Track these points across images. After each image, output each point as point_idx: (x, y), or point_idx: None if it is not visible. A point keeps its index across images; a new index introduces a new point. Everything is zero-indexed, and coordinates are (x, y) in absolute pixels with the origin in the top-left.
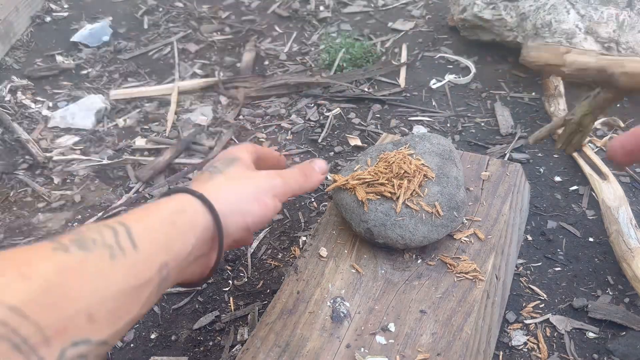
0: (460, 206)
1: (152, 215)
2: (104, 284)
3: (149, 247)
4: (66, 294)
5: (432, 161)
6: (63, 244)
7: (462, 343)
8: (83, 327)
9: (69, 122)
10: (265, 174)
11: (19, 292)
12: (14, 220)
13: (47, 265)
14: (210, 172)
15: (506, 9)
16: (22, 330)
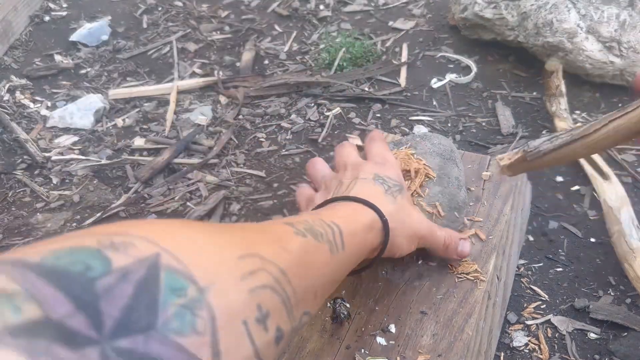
0: (461, 207)
1: (354, 224)
2: (326, 271)
3: (350, 251)
4: (307, 271)
5: (433, 161)
6: (300, 230)
7: (463, 344)
8: (310, 301)
9: (68, 121)
10: (426, 221)
11: (285, 260)
12: (13, 221)
13: (296, 244)
14: (385, 189)
15: (507, 8)
16: (287, 290)
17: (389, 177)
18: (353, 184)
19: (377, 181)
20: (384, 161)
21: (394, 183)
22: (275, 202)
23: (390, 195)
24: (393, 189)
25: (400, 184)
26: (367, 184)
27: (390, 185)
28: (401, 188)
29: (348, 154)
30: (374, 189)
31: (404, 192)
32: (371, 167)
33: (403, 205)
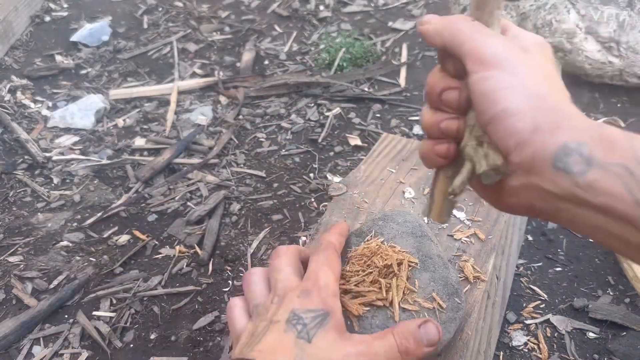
0: (458, 289)
1: None
2: None
3: None
4: None
5: (406, 243)
6: None
7: (463, 343)
8: None
9: (69, 122)
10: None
11: None
12: (14, 220)
13: None
14: (296, 333)
15: (506, 9)
16: None
17: (309, 309)
18: (262, 334)
19: (290, 324)
20: (313, 283)
21: (313, 317)
22: (275, 202)
23: (303, 339)
24: (310, 325)
25: (324, 312)
26: (276, 332)
27: (306, 323)
28: (323, 318)
29: (278, 271)
30: (282, 340)
31: (328, 322)
32: (292, 301)
33: (317, 348)
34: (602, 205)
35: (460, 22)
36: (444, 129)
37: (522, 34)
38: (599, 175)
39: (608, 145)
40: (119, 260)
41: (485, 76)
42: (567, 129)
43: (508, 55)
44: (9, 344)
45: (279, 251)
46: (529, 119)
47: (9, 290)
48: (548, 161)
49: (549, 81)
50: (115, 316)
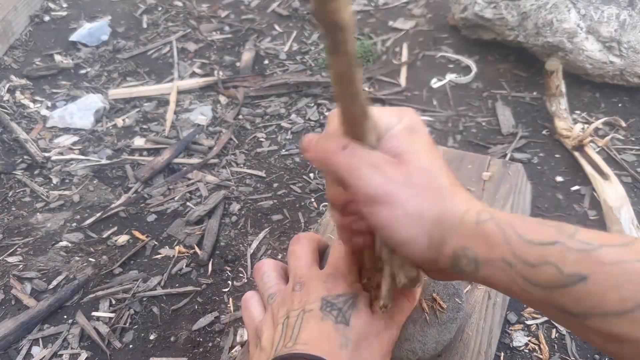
0: (458, 289)
1: None
2: None
3: None
4: None
5: None
6: None
7: (463, 344)
8: None
9: (68, 121)
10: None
11: None
12: (13, 220)
13: None
14: (334, 319)
15: (507, 8)
16: None
17: (338, 294)
18: (299, 325)
19: (324, 311)
20: (337, 270)
21: (344, 300)
22: (275, 202)
23: (342, 324)
24: (344, 309)
25: (353, 294)
26: (313, 321)
27: (340, 307)
28: (354, 299)
29: (299, 258)
30: (322, 328)
31: (359, 302)
32: (319, 289)
33: (357, 329)
34: (501, 290)
35: (337, 156)
36: (357, 228)
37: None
38: (489, 271)
39: (486, 244)
40: (119, 261)
41: (372, 212)
42: (451, 239)
43: (384, 186)
44: (8, 345)
45: (300, 238)
46: (420, 242)
47: (8, 290)
48: (448, 267)
49: (426, 192)
50: (114, 317)
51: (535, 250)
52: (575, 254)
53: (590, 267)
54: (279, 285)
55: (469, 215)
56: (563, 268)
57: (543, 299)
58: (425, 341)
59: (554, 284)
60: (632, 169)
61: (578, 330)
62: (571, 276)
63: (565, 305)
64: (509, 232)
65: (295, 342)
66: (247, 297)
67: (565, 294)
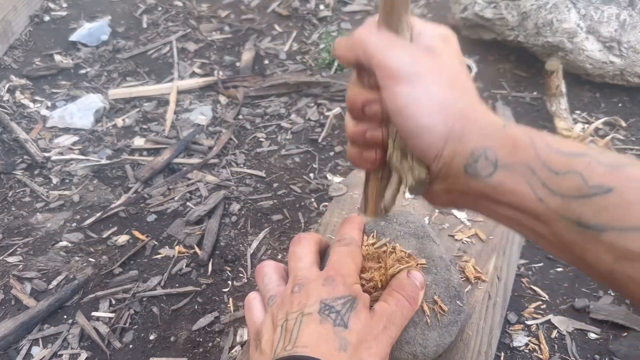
0: (460, 292)
1: None
2: None
3: None
4: None
5: (409, 245)
6: None
7: (463, 344)
8: None
9: (68, 121)
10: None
11: None
12: (13, 220)
13: None
14: (333, 322)
15: (507, 8)
16: None
17: (336, 297)
18: (297, 328)
19: (323, 314)
20: (336, 272)
21: (342, 303)
22: (275, 202)
23: (340, 327)
24: (342, 312)
25: (352, 296)
26: (312, 324)
27: (338, 311)
28: (353, 302)
29: (298, 259)
30: (320, 330)
31: (357, 305)
32: (318, 291)
33: (355, 332)
34: (510, 202)
35: (369, 35)
36: (369, 138)
37: (426, 30)
38: (504, 176)
39: (511, 146)
40: (119, 261)
41: (394, 92)
42: (473, 136)
43: (413, 66)
44: (8, 345)
45: (300, 238)
46: (439, 132)
47: (8, 290)
48: (460, 168)
49: (454, 85)
50: (114, 317)
51: (562, 159)
52: (603, 168)
53: (617, 181)
54: (280, 287)
55: (495, 119)
56: (589, 178)
57: (558, 208)
58: (426, 344)
59: (577, 193)
60: None
61: (584, 250)
62: (596, 187)
63: (582, 216)
64: (537, 140)
65: (294, 345)
66: (249, 298)
67: (585, 205)
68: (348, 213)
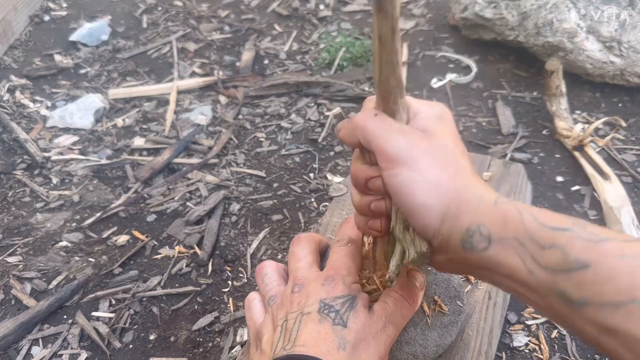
0: (460, 292)
1: None
2: None
3: None
4: None
5: None
6: None
7: (464, 344)
8: None
9: (68, 121)
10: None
11: None
12: (13, 220)
13: None
14: (332, 321)
15: (507, 8)
16: None
17: (336, 296)
18: (297, 328)
19: (322, 313)
20: (335, 272)
21: (342, 302)
22: (275, 202)
23: (339, 326)
24: (342, 311)
25: (351, 296)
26: (311, 324)
27: (338, 310)
28: (352, 301)
29: (298, 259)
30: (320, 330)
31: (356, 304)
32: (317, 290)
33: (355, 331)
34: (506, 274)
35: (367, 121)
36: (374, 209)
37: (421, 110)
38: (498, 250)
39: (502, 221)
40: (118, 261)
41: (393, 174)
42: (467, 214)
43: (409, 150)
44: (7, 345)
45: (300, 238)
46: (436, 212)
47: (8, 290)
48: (458, 243)
49: (448, 166)
50: (114, 317)
51: (547, 233)
52: (582, 242)
53: (593, 257)
54: (280, 287)
55: (487, 196)
56: (569, 253)
57: (546, 282)
58: (426, 344)
59: (559, 267)
60: (632, 169)
61: (573, 322)
62: (575, 262)
63: (565, 290)
64: (525, 214)
65: (293, 344)
66: (249, 298)
67: (567, 279)
68: (348, 213)
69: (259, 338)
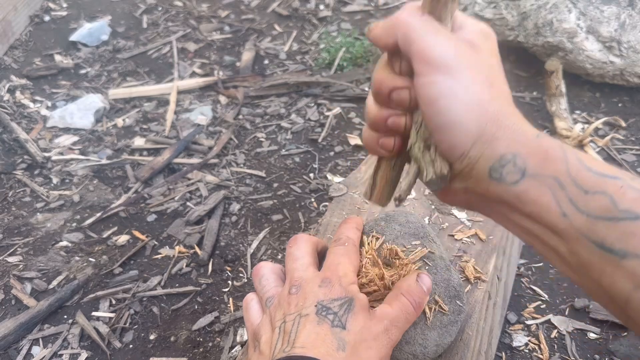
0: (460, 292)
1: None
2: None
3: None
4: None
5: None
6: None
7: (464, 344)
8: None
9: (68, 121)
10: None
11: None
12: (13, 220)
13: None
14: (330, 323)
15: (507, 8)
16: None
17: (333, 298)
18: (295, 330)
19: (320, 315)
20: (333, 273)
21: (340, 304)
22: (275, 202)
23: (338, 328)
24: (340, 313)
25: (349, 298)
26: (310, 325)
27: (336, 312)
28: (350, 303)
29: (295, 260)
30: (318, 331)
31: (354, 306)
32: (315, 292)
33: (354, 333)
34: (531, 213)
35: (412, 19)
36: (391, 125)
37: (467, 24)
38: (530, 186)
39: (543, 156)
40: (119, 261)
41: (431, 80)
42: (504, 141)
43: (454, 58)
44: (8, 345)
45: (297, 239)
46: (470, 131)
47: (8, 290)
48: (485, 170)
49: (492, 85)
50: (114, 317)
51: (593, 178)
52: (635, 193)
53: None
54: (277, 288)
55: (528, 128)
56: (619, 202)
57: (582, 227)
58: (426, 344)
59: (604, 215)
60: (632, 168)
61: (601, 274)
62: (625, 212)
63: (606, 238)
64: (570, 155)
65: (292, 345)
66: (247, 299)
67: (611, 228)
68: (348, 213)
69: (257, 339)
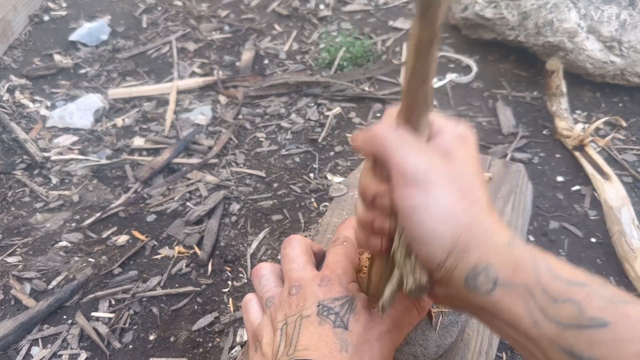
0: None
1: None
2: None
3: None
4: None
5: None
6: None
7: (464, 344)
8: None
9: (67, 121)
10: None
11: None
12: (12, 221)
13: None
14: (332, 323)
15: (507, 8)
16: None
17: (334, 298)
18: (297, 331)
19: (321, 316)
20: (332, 272)
21: (341, 304)
22: (275, 202)
23: (340, 328)
24: (341, 313)
25: (349, 297)
26: (312, 327)
27: (337, 312)
28: (351, 303)
29: (292, 260)
30: (320, 332)
31: (356, 305)
32: (315, 292)
33: (356, 333)
34: (508, 320)
35: (387, 133)
36: (377, 227)
37: (445, 129)
38: (503, 295)
39: (513, 266)
40: (118, 261)
41: (405, 194)
42: (477, 251)
43: (426, 172)
44: (7, 345)
45: (291, 240)
46: (444, 243)
47: (7, 290)
48: (461, 280)
49: (465, 195)
50: (114, 317)
51: (562, 286)
52: (602, 301)
53: (614, 317)
54: (277, 288)
55: (501, 235)
56: (586, 310)
57: (552, 335)
58: (427, 345)
59: (572, 322)
60: (632, 169)
61: None
62: (592, 319)
63: (574, 347)
64: (539, 263)
65: (295, 348)
66: (246, 300)
67: (579, 336)
68: (348, 213)
69: (257, 340)
